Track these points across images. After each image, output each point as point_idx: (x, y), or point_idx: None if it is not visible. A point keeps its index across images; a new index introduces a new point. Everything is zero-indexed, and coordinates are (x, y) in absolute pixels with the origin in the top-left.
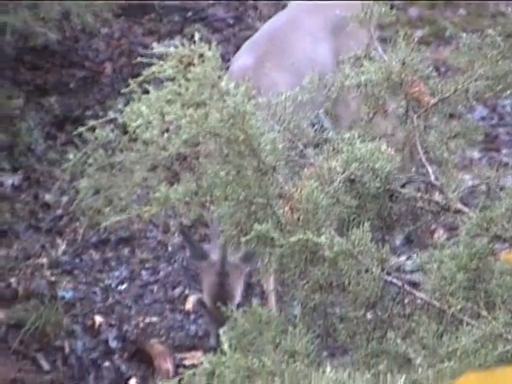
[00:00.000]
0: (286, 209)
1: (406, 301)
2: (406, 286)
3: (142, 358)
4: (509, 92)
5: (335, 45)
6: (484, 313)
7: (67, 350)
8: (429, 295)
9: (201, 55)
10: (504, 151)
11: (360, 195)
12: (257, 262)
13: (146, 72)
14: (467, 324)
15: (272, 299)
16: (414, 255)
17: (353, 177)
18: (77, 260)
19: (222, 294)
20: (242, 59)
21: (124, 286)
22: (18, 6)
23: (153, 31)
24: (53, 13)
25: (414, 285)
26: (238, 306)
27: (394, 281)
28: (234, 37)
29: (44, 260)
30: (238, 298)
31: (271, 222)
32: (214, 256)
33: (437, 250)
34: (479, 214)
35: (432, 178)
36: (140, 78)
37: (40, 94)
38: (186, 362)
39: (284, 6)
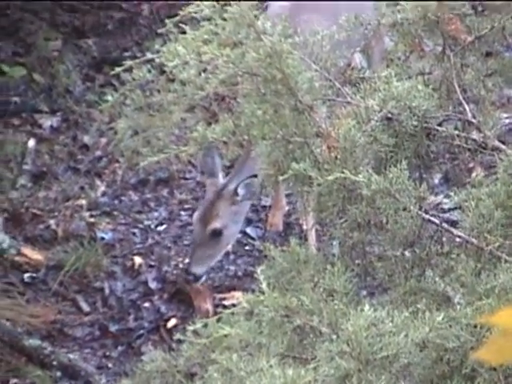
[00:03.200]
0: (324, 147)
1: (444, 239)
2: (443, 224)
3: (181, 298)
4: None
5: None
6: None
7: (107, 291)
8: (467, 233)
9: None
10: None
11: (397, 134)
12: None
13: (182, 12)
14: (505, 261)
15: (311, 238)
16: (452, 193)
17: (390, 115)
18: (116, 201)
19: (209, 212)
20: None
21: (163, 227)
22: None
23: None
24: None
25: (452, 223)
26: (215, 233)
27: (432, 219)
28: None
29: (83, 201)
30: (218, 223)
31: (309, 161)
32: (222, 180)
33: (474, 188)
34: None
35: (469, 116)
36: (177, 18)
37: (78, 36)
38: (226, 302)
39: None
